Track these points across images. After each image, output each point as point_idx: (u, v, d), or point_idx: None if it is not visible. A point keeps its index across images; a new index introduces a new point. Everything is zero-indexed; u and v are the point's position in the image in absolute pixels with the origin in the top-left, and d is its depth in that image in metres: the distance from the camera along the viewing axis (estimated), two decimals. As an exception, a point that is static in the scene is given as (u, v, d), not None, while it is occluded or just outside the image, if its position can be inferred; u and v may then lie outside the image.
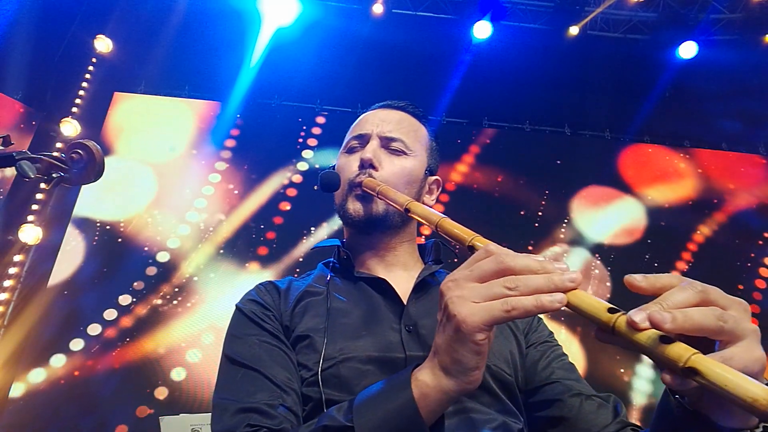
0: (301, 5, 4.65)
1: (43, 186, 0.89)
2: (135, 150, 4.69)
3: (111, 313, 3.99)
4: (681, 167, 5.37)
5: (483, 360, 0.63)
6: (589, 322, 0.55)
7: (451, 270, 0.64)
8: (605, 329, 0.53)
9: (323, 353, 0.89)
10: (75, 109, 4.58)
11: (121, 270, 4.19)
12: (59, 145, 4.38)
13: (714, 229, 5.05)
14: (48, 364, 3.80)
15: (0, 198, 4.09)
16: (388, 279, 1.02)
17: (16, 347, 3.79)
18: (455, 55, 4.98)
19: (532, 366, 1.00)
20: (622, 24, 5.13)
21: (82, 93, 4.65)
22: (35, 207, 4.18)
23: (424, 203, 1.14)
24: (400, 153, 1.10)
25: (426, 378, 0.66)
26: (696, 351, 0.47)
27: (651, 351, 0.49)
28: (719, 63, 4.96)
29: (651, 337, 0.49)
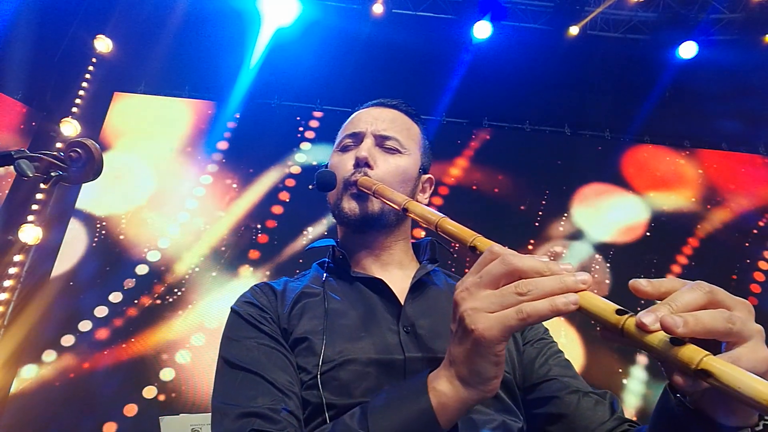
0: (301, 5, 4.65)
1: (43, 186, 0.89)
2: (134, 149, 4.69)
3: (102, 311, 4.01)
4: (681, 167, 5.37)
5: (501, 369, 0.63)
6: (596, 322, 0.55)
7: (447, 269, 0.63)
8: (613, 331, 0.53)
9: (322, 355, 0.88)
10: (75, 109, 4.58)
11: (113, 268, 4.20)
12: (59, 145, 4.38)
13: (713, 229, 5.05)
14: (40, 360, 3.82)
15: None
16: (384, 279, 1.01)
17: (16, 347, 3.80)
18: (455, 55, 4.98)
19: (529, 363, 1.00)
20: (622, 24, 5.13)
21: (82, 93, 4.65)
22: (35, 207, 4.18)
23: (417, 202, 1.16)
24: (394, 151, 1.09)
25: (444, 388, 0.66)
26: (707, 353, 0.47)
27: (661, 353, 0.49)
28: (719, 63, 4.95)
29: (661, 339, 0.49)
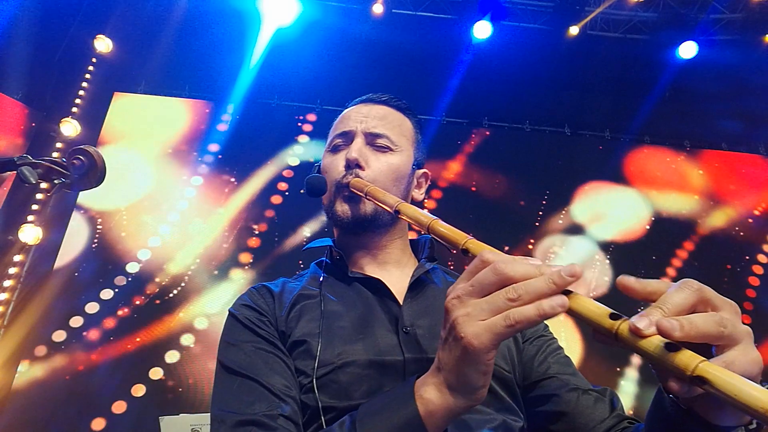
0: (301, 5, 4.65)
1: (44, 186, 0.89)
2: (133, 149, 4.69)
3: (93, 307, 4.02)
4: (681, 167, 5.37)
5: (489, 378, 0.62)
6: (589, 326, 0.54)
7: (445, 267, 0.62)
8: (607, 335, 0.52)
9: (318, 359, 0.87)
10: (75, 109, 4.58)
11: (105, 265, 4.20)
12: (59, 145, 4.38)
13: (713, 228, 5.05)
14: (32, 356, 3.84)
15: None
16: (382, 278, 1.00)
17: (16, 347, 3.80)
18: (455, 55, 4.98)
19: (528, 361, 0.99)
20: (622, 24, 5.12)
21: (82, 93, 4.65)
22: (35, 207, 4.19)
23: (413, 198, 1.13)
24: (386, 149, 1.07)
25: (431, 396, 0.65)
26: (703, 358, 0.46)
27: (656, 358, 0.48)
28: (719, 63, 4.94)
29: (656, 345, 0.48)
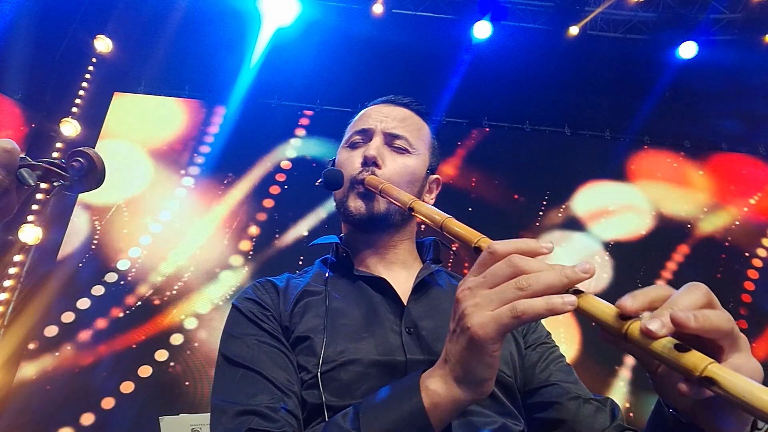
0: (301, 5, 4.65)
1: (44, 186, 0.88)
2: (133, 148, 4.68)
3: (84, 302, 4.01)
4: (681, 167, 5.36)
5: (495, 370, 0.62)
6: (597, 325, 0.54)
7: (449, 269, 0.63)
8: (615, 335, 0.52)
9: (322, 355, 0.87)
10: (75, 109, 4.58)
11: (97, 262, 4.20)
12: (59, 145, 4.38)
13: (712, 228, 5.05)
14: (32, 356, 3.84)
15: None
16: (387, 278, 1.00)
17: (16, 347, 3.80)
18: (455, 55, 4.97)
19: (530, 367, 0.99)
20: (622, 24, 5.12)
21: (81, 93, 4.65)
22: (35, 207, 4.18)
23: (423, 202, 1.15)
24: (403, 151, 1.08)
25: (437, 387, 0.64)
26: (712, 360, 0.46)
27: (666, 359, 0.48)
28: (719, 63, 4.94)
29: (666, 345, 0.48)
